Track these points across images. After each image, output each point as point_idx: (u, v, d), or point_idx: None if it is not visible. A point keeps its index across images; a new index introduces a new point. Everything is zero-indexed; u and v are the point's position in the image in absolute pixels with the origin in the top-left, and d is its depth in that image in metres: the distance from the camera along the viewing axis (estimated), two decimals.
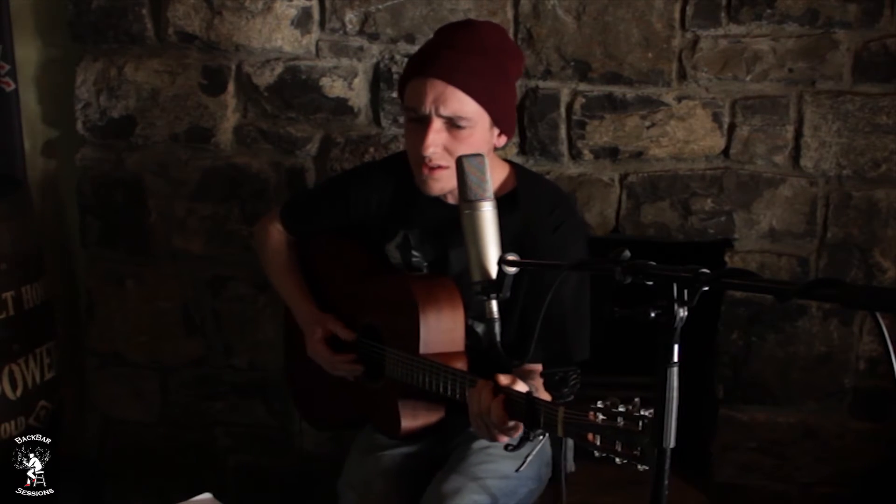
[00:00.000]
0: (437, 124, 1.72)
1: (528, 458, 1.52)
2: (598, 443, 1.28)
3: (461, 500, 1.72)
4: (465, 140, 1.73)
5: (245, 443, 2.79)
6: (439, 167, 1.76)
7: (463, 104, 1.71)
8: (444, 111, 1.71)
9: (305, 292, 2.07)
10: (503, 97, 1.77)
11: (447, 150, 1.74)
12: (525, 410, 1.45)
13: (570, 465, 1.94)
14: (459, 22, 1.87)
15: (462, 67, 1.70)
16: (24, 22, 2.66)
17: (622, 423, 1.25)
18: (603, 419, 1.28)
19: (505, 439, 1.54)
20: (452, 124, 1.72)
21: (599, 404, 1.29)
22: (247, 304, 2.70)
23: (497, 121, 1.77)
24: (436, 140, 1.72)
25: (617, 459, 1.26)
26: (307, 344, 2.01)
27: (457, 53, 1.72)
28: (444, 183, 1.78)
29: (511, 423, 1.50)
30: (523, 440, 1.47)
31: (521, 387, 1.51)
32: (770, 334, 2.55)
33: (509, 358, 1.54)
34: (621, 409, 1.26)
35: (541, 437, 1.45)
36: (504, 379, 1.53)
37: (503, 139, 1.82)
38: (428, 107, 1.71)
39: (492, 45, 1.75)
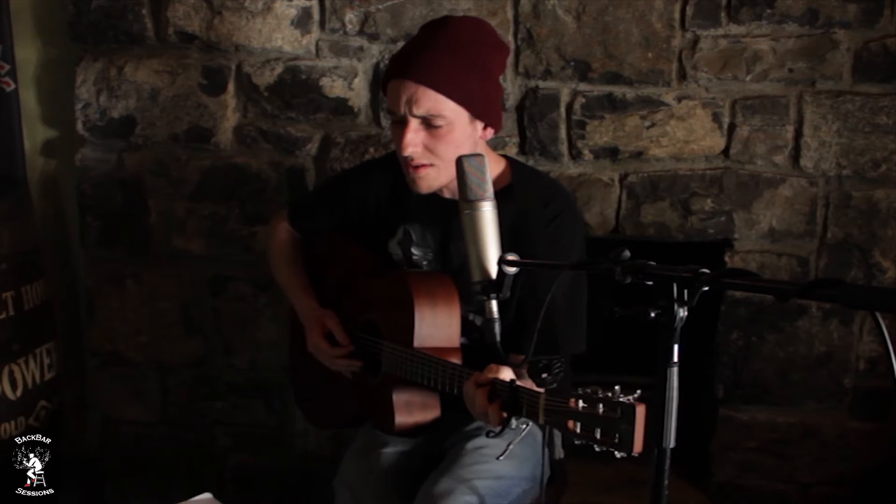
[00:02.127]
0: (414, 124, 1.74)
1: (511, 446, 1.53)
2: (578, 430, 1.28)
3: (454, 501, 1.71)
4: (443, 138, 1.74)
5: (245, 443, 2.79)
6: (423, 166, 1.77)
7: (436, 102, 1.71)
8: (418, 111, 1.72)
9: (308, 289, 2.08)
10: (480, 91, 1.76)
11: (428, 148, 1.75)
12: (507, 398, 1.46)
13: (559, 452, 1.95)
14: (436, 20, 1.87)
15: (432, 66, 1.71)
16: (24, 22, 2.66)
17: (602, 409, 1.25)
18: (583, 406, 1.28)
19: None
20: (429, 124, 1.73)
21: (580, 391, 1.29)
22: (247, 304, 2.70)
23: (477, 115, 1.77)
24: (414, 140, 1.74)
25: (595, 447, 1.26)
26: (307, 339, 2.01)
27: (427, 52, 1.73)
28: (430, 181, 1.80)
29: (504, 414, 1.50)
30: (504, 427, 1.48)
31: (505, 375, 1.52)
32: (770, 334, 2.55)
33: (508, 356, 1.55)
34: (601, 395, 1.26)
35: (523, 426, 1.45)
36: (489, 371, 1.55)
37: (490, 132, 1.81)
38: (402, 108, 1.73)
39: (466, 40, 1.75)
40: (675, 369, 1.17)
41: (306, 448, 2.76)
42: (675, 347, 1.17)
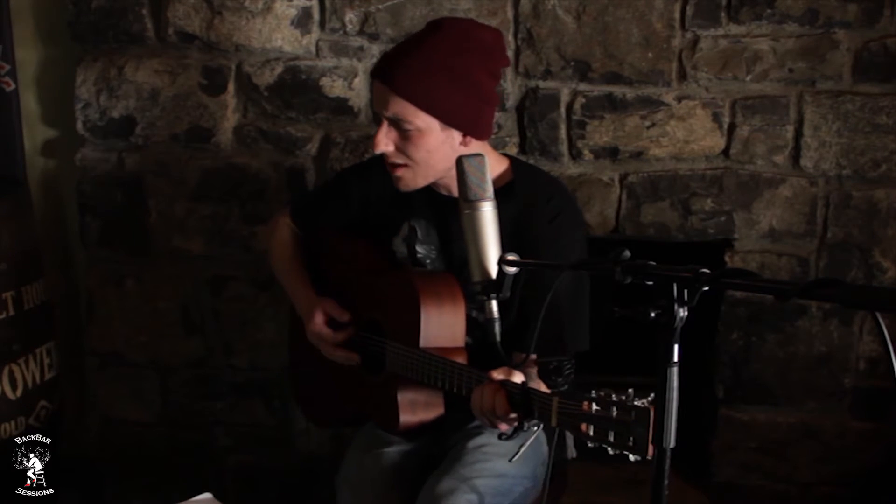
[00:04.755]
0: (386, 124, 1.77)
1: (523, 448, 1.53)
2: (592, 433, 1.28)
3: (456, 500, 1.72)
4: (413, 142, 1.75)
5: (245, 443, 2.79)
6: (399, 166, 1.79)
7: (403, 108, 1.72)
8: (387, 114, 1.74)
9: (307, 282, 2.07)
10: (454, 100, 1.73)
11: (401, 150, 1.77)
12: (520, 401, 1.46)
13: (572, 452, 1.94)
14: (433, 21, 1.85)
15: (403, 72, 1.72)
16: (24, 22, 2.66)
17: (615, 413, 1.25)
18: (597, 409, 1.28)
19: (506, 427, 1.54)
20: (399, 126, 1.75)
21: (593, 394, 1.29)
22: (247, 304, 2.70)
23: (450, 124, 1.75)
24: (384, 140, 1.76)
25: (609, 450, 1.26)
26: (307, 329, 2.00)
27: (403, 58, 1.74)
28: (407, 181, 1.81)
29: (513, 415, 1.50)
30: (517, 430, 1.48)
31: (516, 377, 1.52)
32: (770, 334, 2.55)
33: (509, 357, 1.54)
34: (615, 399, 1.26)
35: (535, 428, 1.46)
36: (498, 374, 1.54)
37: (471, 140, 1.78)
38: (377, 107, 1.77)
39: (449, 48, 1.73)
40: (675, 369, 1.17)
41: (307, 448, 2.76)
42: (675, 347, 1.17)
